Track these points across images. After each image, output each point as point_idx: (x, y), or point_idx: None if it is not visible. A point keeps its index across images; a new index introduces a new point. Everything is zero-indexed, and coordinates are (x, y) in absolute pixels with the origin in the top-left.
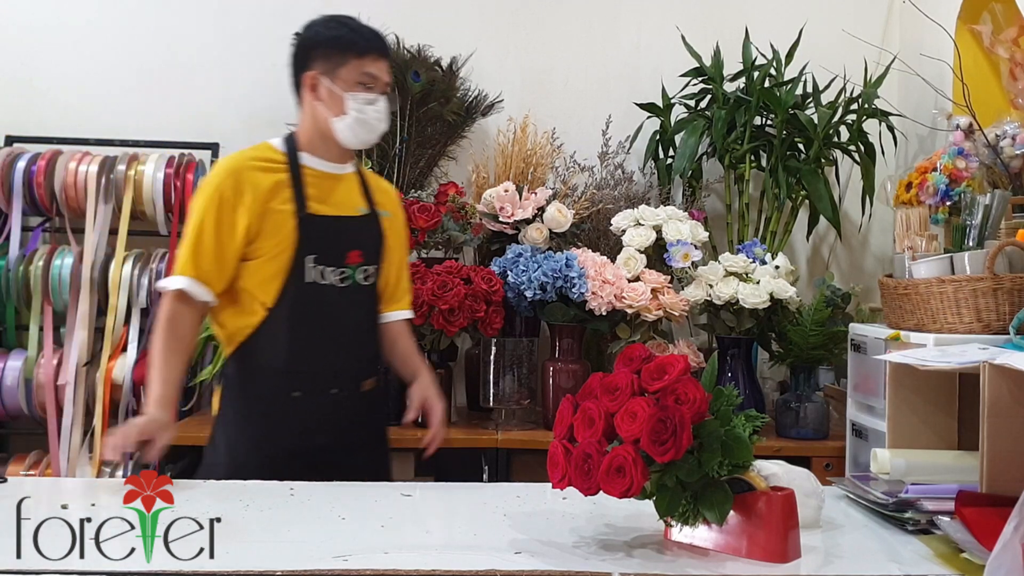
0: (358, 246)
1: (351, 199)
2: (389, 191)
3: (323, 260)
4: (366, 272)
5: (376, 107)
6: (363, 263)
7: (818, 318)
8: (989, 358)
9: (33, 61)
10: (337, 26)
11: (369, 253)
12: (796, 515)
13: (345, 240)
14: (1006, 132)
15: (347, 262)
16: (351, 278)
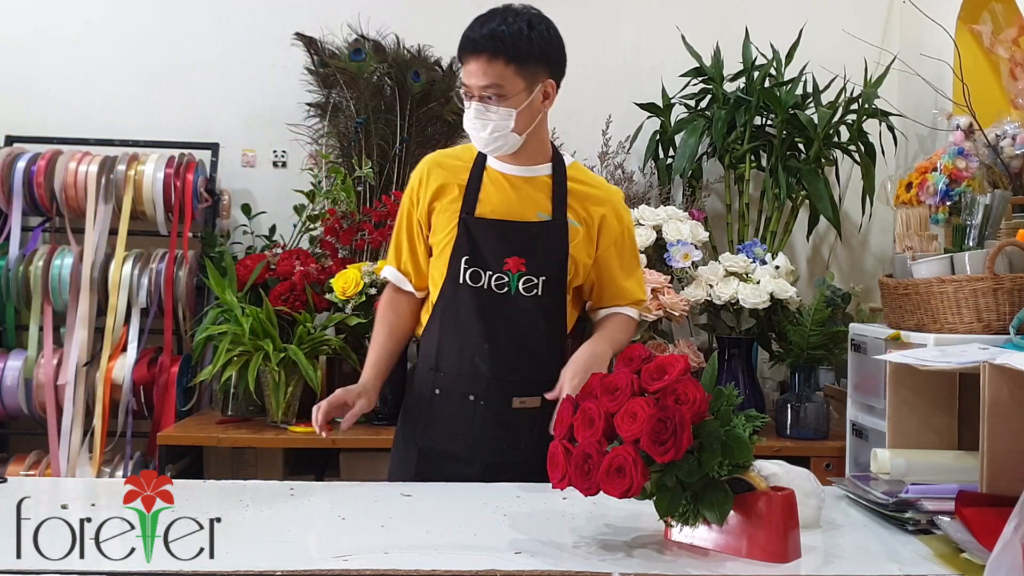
0: (521, 253)
1: (533, 204)
2: (598, 206)
3: (476, 263)
4: (529, 282)
5: (470, 113)
6: (525, 272)
7: (818, 318)
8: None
9: (33, 61)
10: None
11: (535, 262)
12: (796, 515)
13: (505, 245)
14: (1006, 132)
15: (505, 268)
16: (509, 285)
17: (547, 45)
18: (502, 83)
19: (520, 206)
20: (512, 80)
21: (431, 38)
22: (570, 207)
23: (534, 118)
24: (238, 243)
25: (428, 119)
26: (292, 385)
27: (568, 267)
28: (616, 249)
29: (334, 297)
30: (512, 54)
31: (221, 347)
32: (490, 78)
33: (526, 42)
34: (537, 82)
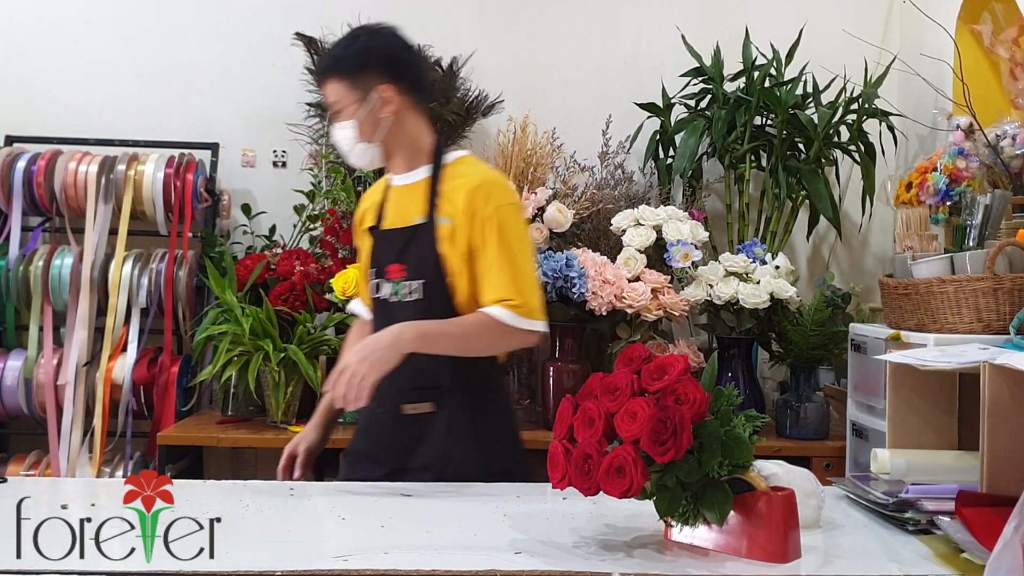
0: (399, 259)
1: (411, 209)
2: (463, 194)
3: (377, 274)
4: (409, 287)
5: (334, 132)
6: (405, 278)
7: (818, 318)
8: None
9: (33, 61)
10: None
11: (412, 267)
12: (796, 515)
13: (387, 253)
14: (1006, 132)
15: (389, 276)
16: (397, 293)
17: (371, 53)
18: (338, 99)
19: (402, 214)
20: (345, 94)
21: (431, 38)
22: (440, 205)
23: (377, 125)
24: (238, 243)
25: None
26: (292, 385)
27: (443, 267)
28: (482, 238)
29: (334, 297)
30: (339, 69)
31: (221, 347)
32: (330, 97)
33: (350, 55)
34: (370, 90)
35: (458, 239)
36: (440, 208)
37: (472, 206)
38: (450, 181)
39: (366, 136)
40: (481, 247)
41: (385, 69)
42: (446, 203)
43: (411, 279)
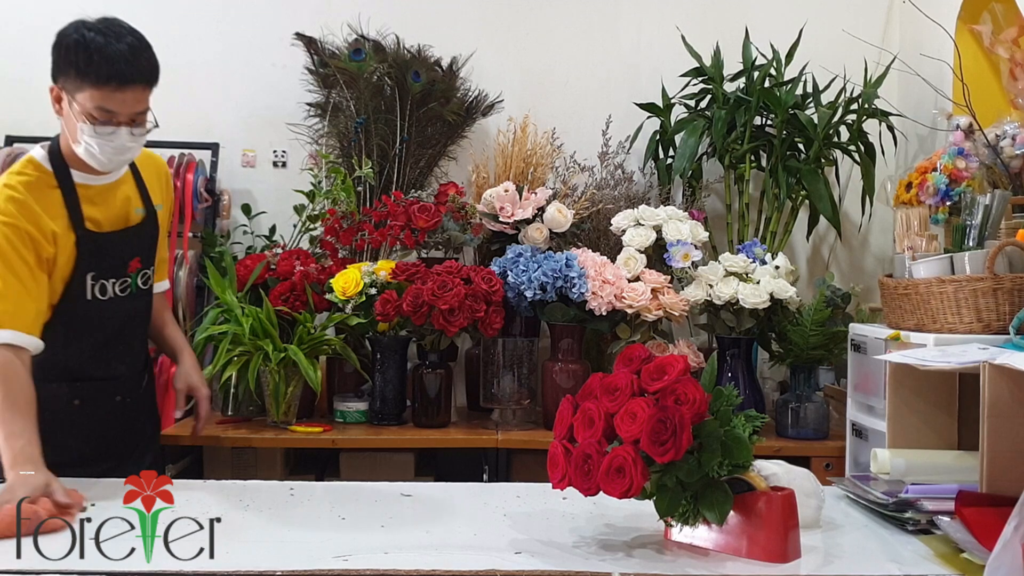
0: (138, 253)
1: (128, 203)
2: (159, 176)
3: (102, 275)
4: (145, 275)
5: (110, 139)
6: (142, 267)
7: (818, 318)
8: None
9: (33, 61)
10: (77, 46)
11: (147, 255)
12: (796, 515)
13: (126, 251)
14: (1006, 132)
15: (128, 272)
16: (132, 285)
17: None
18: (144, 106)
19: (120, 213)
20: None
21: (431, 38)
22: (151, 196)
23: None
24: (238, 243)
25: (428, 119)
26: (292, 385)
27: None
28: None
29: (334, 297)
30: (154, 77)
31: (221, 347)
32: (142, 105)
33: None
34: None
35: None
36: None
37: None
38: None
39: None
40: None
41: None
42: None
43: (146, 268)
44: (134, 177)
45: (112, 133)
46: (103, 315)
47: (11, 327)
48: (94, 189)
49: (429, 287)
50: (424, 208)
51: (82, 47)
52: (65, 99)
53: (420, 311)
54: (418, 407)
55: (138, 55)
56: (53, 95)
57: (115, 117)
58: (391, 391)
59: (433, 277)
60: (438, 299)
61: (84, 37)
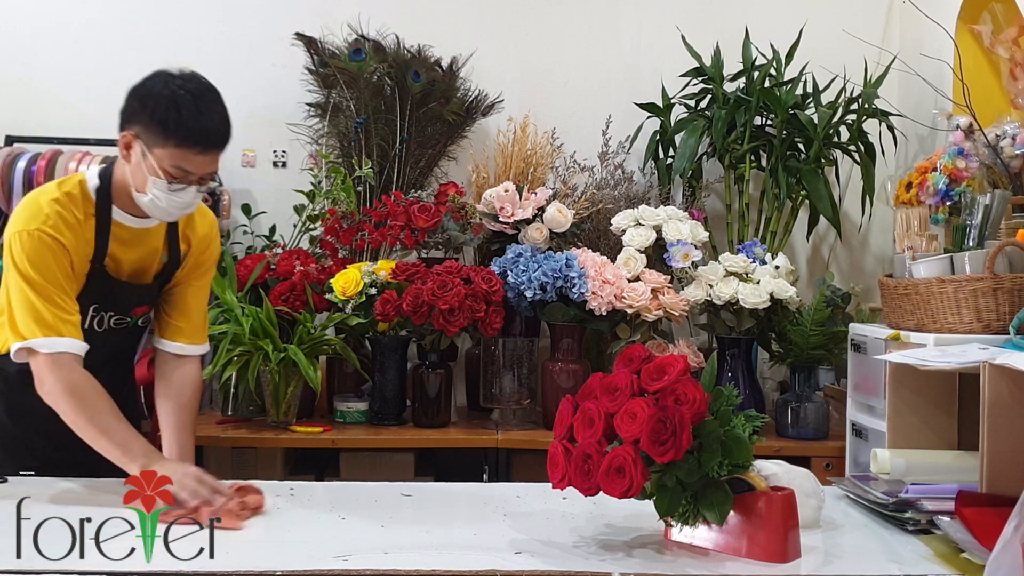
0: (147, 302)
1: (155, 252)
2: (193, 232)
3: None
4: (147, 318)
5: (178, 196)
6: (147, 312)
7: (818, 318)
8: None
9: (33, 61)
10: (168, 105)
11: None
12: (796, 515)
13: (135, 299)
14: (1006, 132)
15: (133, 313)
16: (130, 323)
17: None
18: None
19: (145, 260)
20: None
21: (431, 38)
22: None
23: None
24: (238, 243)
25: (428, 119)
26: (292, 385)
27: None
28: (197, 276)
29: (334, 297)
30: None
31: (221, 347)
32: (214, 166)
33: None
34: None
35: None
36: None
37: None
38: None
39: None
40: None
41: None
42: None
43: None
44: (169, 226)
45: (182, 190)
46: (93, 343)
47: (68, 335)
48: (129, 231)
49: (429, 287)
50: (424, 208)
51: (173, 107)
52: (137, 149)
53: (420, 311)
54: (418, 407)
55: (222, 122)
56: (123, 141)
57: (188, 176)
58: (391, 391)
59: (433, 277)
60: (438, 299)
61: (175, 96)
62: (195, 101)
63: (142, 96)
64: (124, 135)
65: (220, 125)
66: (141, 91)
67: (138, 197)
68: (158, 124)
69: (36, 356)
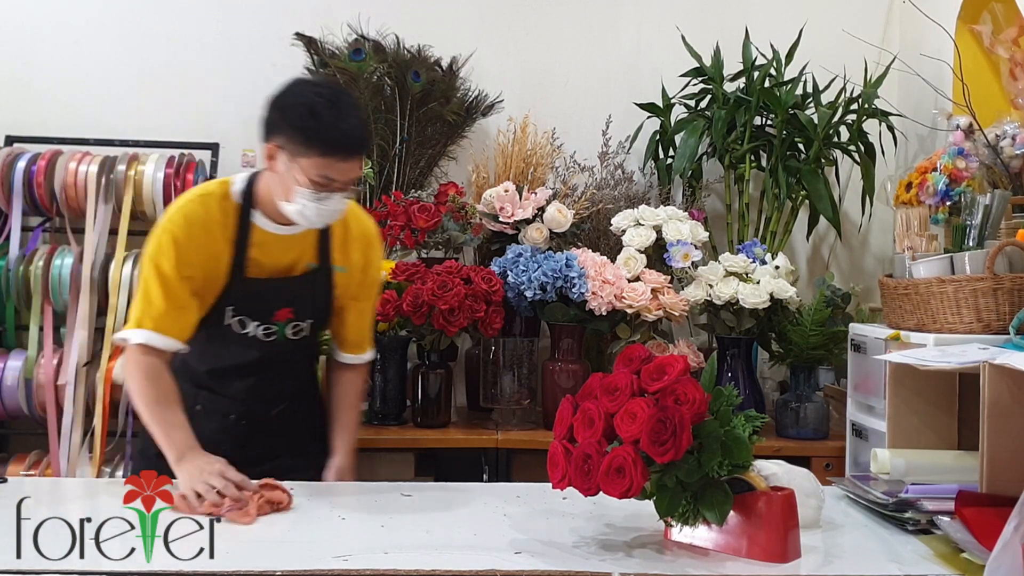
0: (290, 304)
1: (301, 256)
2: (356, 241)
3: (244, 313)
4: (296, 327)
5: (325, 204)
6: (293, 319)
7: (818, 318)
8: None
9: (33, 61)
10: (309, 115)
11: (303, 310)
12: (796, 515)
13: (275, 301)
14: (1006, 132)
15: (274, 319)
16: (278, 334)
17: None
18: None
19: (289, 260)
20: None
21: (431, 38)
22: (333, 256)
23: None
24: None
25: (428, 119)
26: None
27: (333, 309)
28: (360, 292)
29: None
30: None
31: None
32: (356, 172)
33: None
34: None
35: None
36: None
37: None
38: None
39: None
40: (364, 293)
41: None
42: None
43: (298, 320)
44: (319, 233)
45: (327, 198)
46: (240, 344)
47: (150, 328)
48: (270, 237)
49: (429, 287)
50: (424, 208)
51: (313, 116)
52: (282, 159)
53: (420, 311)
54: (418, 407)
55: (362, 130)
56: (267, 152)
57: (333, 184)
58: (391, 391)
59: (433, 277)
60: (438, 299)
61: (315, 105)
62: (332, 108)
63: (281, 107)
64: (268, 146)
65: (358, 131)
66: (280, 102)
67: (284, 206)
68: (300, 134)
69: (127, 344)
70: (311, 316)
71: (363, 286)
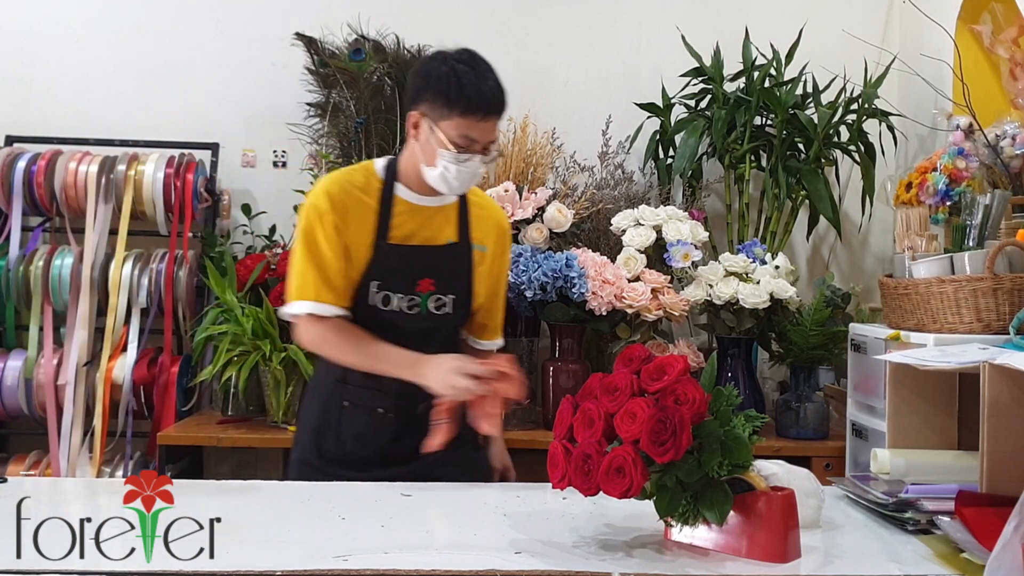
0: (432, 275)
1: (441, 230)
2: (493, 226)
3: (388, 287)
4: (439, 301)
5: (466, 166)
6: (435, 291)
7: (818, 318)
8: (989, 358)
9: (33, 61)
10: (448, 78)
11: (444, 282)
12: (796, 515)
13: (417, 269)
14: (1006, 132)
15: (417, 290)
16: (421, 306)
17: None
18: (495, 134)
19: (431, 232)
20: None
21: (431, 38)
22: (472, 234)
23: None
24: (238, 243)
25: None
26: (292, 385)
27: (474, 288)
28: (493, 274)
29: None
30: (505, 107)
31: (221, 347)
32: (493, 134)
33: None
34: None
35: (486, 265)
36: (475, 236)
37: (500, 241)
38: (475, 208)
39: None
40: (496, 276)
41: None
42: (481, 232)
43: (440, 293)
44: (459, 210)
45: (468, 160)
46: (382, 324)
47: (311, 299)
48: (412, 207)
49: None
50: None
51: (454, 78)
52: (425, 126)
53: None
54: None
55: (499, 88)
56: (411, 121)
57: (474, 145)
58: None
59: None
60: None
61: (455, 70)
62: (472, 71)
63: (424, 74)
64: (411, 114)
65: (497, 91)
66: (422, 70)
67: (427, 172)
68: (442, 97)
69: (296, 317)
70: (452, 291)
71: (497, 269)
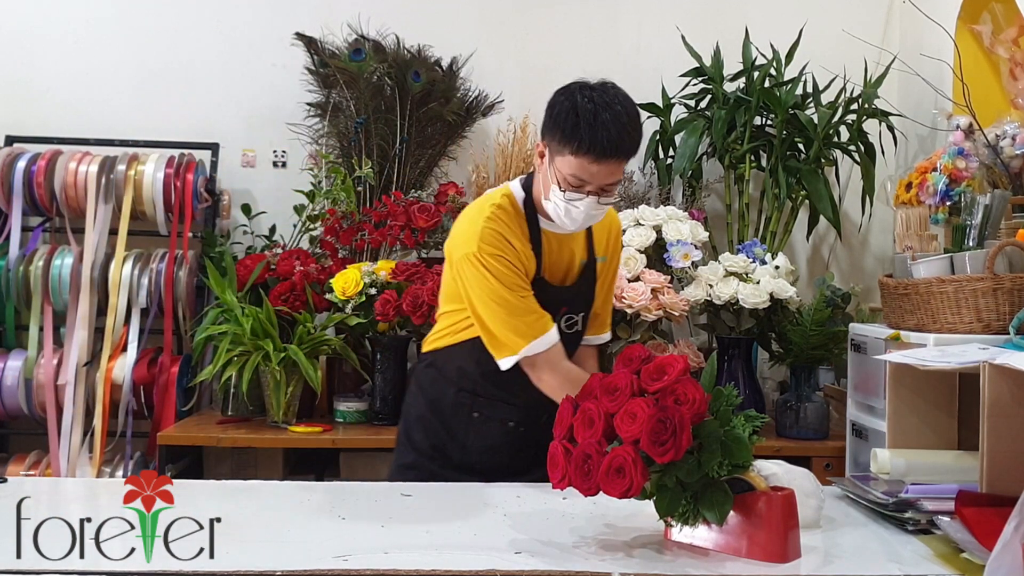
0: (568, 304)
1: (575, 253)
2: (609, 234)
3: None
4: (570, 320)
5: (575, 205)
6: (569, 312)
7: (818, 318)
8: (989, 358)
9: (33, 61)
10: (568, 112)
11: (577, 305)
12: (796, 515)
13: (560, 301)
14: (1006, 132)
15: (556, 315)
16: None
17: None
18: (618, 177)
19: (567, 263)
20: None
21: (431, 38)
22: (596, 248)
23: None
24: (238, 243)
25: (428, 119)
26: (292, 385)
27: (595, 299)
28: (609, 278)
29: (334, 297)
30: (634, 152)
31: (221, 347)
32: (617, 176)
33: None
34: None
35: (604, 272)
36: (597, 249)
37: (614, 246)
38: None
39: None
40: (611, 279)
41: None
42: (600, 243)
43: (572, 313)
44: (587, 229)
45: (578, 201)
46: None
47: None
48: (554, 237)
49: (429, 287)
50: (424, 208)
51: (572, 115)
52: (547, 157)
53: (420, 311)
54: None
55: (623, 132)
56: (538, 150)
57: (585, 186)
58: (391, 391)
59: (433, 277)
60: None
61: (576, 106)
62: (596, 111)
63: (550, 104)
64: (539, 143)
65: (618, 137)
66: (551, 100)
67: (544, 204)
68: (559, 132)
69: (530, 360)
70: (583, 309)
71: (612, 270)
